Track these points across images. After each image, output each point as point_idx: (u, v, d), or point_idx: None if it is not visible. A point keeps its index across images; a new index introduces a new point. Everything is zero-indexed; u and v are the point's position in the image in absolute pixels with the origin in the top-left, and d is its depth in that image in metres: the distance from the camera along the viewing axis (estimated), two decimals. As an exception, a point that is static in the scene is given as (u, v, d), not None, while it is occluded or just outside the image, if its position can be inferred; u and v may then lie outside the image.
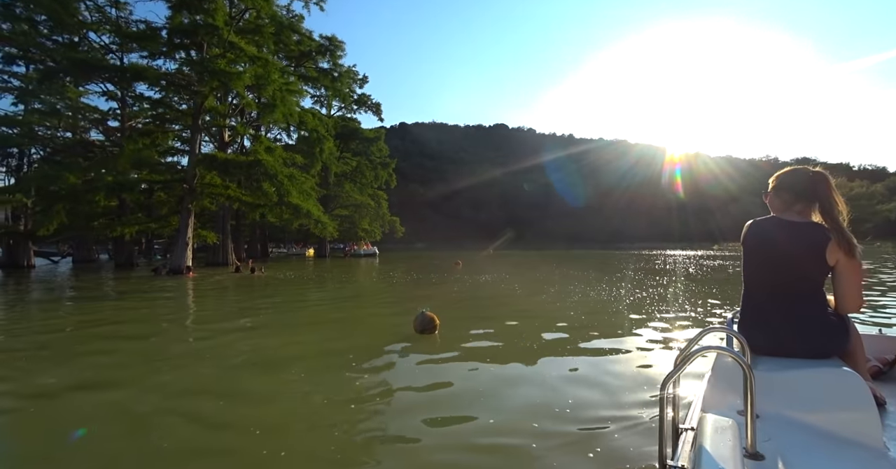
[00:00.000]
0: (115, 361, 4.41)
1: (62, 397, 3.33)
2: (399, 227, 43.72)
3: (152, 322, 6.75)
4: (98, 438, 2.62)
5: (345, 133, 38.14)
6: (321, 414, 2.92)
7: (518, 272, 16.56)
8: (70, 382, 3.68)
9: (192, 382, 3.68)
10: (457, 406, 2.99)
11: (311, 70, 26.40)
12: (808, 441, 1.25)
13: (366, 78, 39.74)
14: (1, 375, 3.92)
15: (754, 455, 1.13)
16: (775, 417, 1.37)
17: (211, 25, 16.61)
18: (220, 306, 8.66)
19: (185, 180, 18.48)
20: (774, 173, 1.87)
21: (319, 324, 6.61)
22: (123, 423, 2.84)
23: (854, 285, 1.64)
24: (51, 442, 2.58)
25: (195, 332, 6.11)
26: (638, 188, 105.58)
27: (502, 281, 12.75)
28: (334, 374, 3.84)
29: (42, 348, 4.99)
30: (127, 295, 10.54)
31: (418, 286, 12.01)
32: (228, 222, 24.81)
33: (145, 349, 4.94)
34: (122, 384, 3.61)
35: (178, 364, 4.27)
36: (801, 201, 1.74)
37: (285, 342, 5.21)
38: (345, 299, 9.39)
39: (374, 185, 41.23)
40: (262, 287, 11.98)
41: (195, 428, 2.72)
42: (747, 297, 1.77)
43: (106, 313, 7.63)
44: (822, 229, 1.64)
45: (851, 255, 1.59)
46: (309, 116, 26.40)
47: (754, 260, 1.74)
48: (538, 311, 7.38)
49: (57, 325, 6.57)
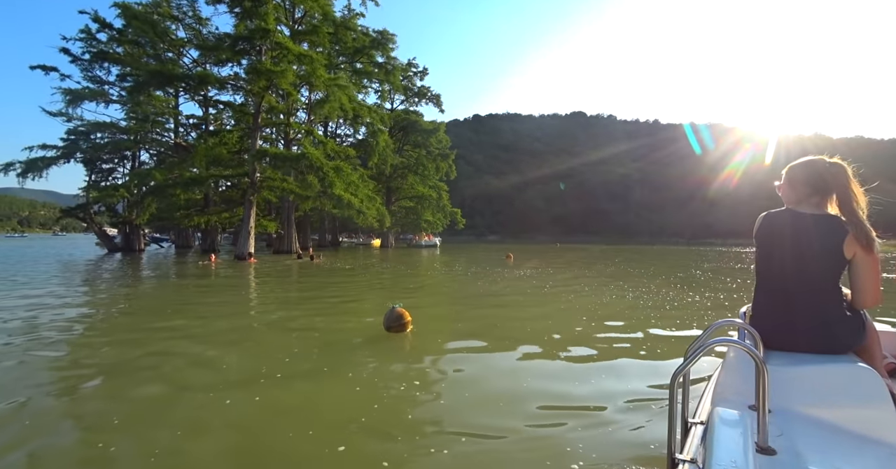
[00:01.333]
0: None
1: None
2: (460, 219, 43.64)
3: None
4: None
5: (405, 126, 38.91)
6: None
7: (566, 268, 15.45)
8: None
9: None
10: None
11: (367, 65, 27.16)
12: (821, 437, 1.23)
13: (425, 70, 40.08)
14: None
15: (766, 449, 1.11)
16: (788, 412, 1.34)
17: (263, 29, 17.81)
18: (267, 287, 9.75)
19: (247, 175, 20.23)
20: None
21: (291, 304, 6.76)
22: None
23: (872, 280, 1.59)
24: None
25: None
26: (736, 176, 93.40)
27: (539, 276, 11.78)
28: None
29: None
30: (191, 277, 11.90)
31: (431, 277, 11.78)
32: (292, 214, 26.74)
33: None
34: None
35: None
36: (817, 193, 1.67)
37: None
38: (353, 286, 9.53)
39: (436, 177, 41.57)
40: (302, 273, 12.71)
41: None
42: (760, 290, 1.74)
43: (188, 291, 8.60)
44: (840, 222, 1.59)
45: (869, 250, 1.55)
46: (365, 110, 27.32)
47: (768, 253, 1.70)
48: (534, 313, 6.72)
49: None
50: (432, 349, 4.37)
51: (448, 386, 3.24)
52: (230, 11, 20.30)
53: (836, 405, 1.32)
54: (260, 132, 20.70)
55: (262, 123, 20.83)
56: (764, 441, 1.13)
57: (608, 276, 12.36)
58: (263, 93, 19.27)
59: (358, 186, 20.92)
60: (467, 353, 4.25)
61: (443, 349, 4.38)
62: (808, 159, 1.73)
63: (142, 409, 2.73)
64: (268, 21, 18.13)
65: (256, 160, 18.42)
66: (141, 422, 2.54)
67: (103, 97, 24.06)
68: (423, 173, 39.97)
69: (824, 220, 1.61)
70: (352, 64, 26.67)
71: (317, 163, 17.85)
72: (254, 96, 19.88)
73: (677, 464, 1.15)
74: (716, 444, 1.03)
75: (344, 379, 3.34)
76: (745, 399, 1.41)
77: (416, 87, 39.66)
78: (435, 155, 39.51)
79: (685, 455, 1.17)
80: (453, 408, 2.78)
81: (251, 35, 18.65)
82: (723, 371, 1.59)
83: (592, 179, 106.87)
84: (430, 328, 5.31)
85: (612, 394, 2.99)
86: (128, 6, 22.51)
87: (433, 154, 39.38)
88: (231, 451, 2.21)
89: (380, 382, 3.25)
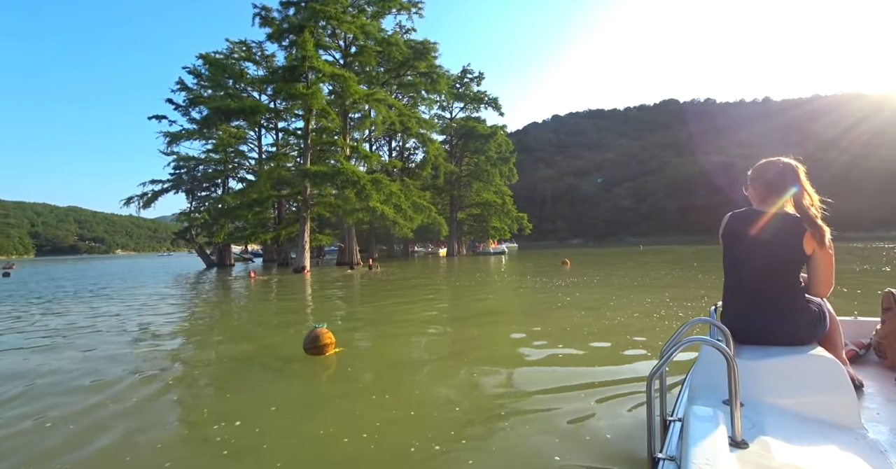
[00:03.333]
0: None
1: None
2: (527, 224, 41.96)
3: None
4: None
5: (464, 133, 38.82)
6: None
7: (624, 274, 13.78)
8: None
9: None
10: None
11: (415, 77, 27.70)
12: (790, 426, 1.28)
13: (481, 75, 39.65)
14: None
15: (739, 443, 1.14)
16: (759, 405, 1.39)
17: (302, 56, 19.14)
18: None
19: (301, 192, 21.76)
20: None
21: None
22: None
23: (827, 272, 1.68)
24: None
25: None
26: (865, 153, 76.12)
27: (577, 287, 10.32)
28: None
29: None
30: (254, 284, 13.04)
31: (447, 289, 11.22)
32: (352, 227, 28.11)
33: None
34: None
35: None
36: (774, 193, 1.75)
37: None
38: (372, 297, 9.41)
39: (500, 183, 40.66)
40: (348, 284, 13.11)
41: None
42: (728, 288, 1.81)
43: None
44: (797, 220, 1.66)
45: (823, 245, 1.62)
46: (413, 121, 27.85)
47: (732, 252, 1.78)
48: (519, 325, 5.98)
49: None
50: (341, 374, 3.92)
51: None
52: (279, 45, 22.27)
53: (802, 395, 1.38)
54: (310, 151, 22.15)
55: (313, 143, 22.28)
56: (738, 434, 1.15)
57: (678, 283, 10.60)
58: (308, 115, 20.67)
59: (399, 197, 21.21)
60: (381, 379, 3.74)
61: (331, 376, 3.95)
62: (766, 161, 1.82)
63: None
64: (306, 48, 19.44)
65: (299, 179, 19.75)
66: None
67: (195, 135, 27.94)
68: (486, 179, 39.40)
69: (783, 218, 1.68)
70: (398, 77, 27.41)
71: (353, 177, 18.50)
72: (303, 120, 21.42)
73: (657, 462, 1.16)
74: (691, 440, 1.05)
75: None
76: (719, 394, 1.43)
77: (472, 92, 39.37)
78: (495, 159, 38.66)
79: (664, 453, 1.18)
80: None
81: (294, 63, 20.17)
82: (697, 368, 1.63)
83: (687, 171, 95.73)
84: (360, 348, 4.87)
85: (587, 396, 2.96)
86: (207, 56, 25.61)
87: (493, 159, 38.57)
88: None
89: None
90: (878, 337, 2.08)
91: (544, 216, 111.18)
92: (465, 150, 39.84)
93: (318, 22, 22.17)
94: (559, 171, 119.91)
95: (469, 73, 39.53)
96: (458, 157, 40.53)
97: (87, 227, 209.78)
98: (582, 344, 4.56)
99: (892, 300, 2.03)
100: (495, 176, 39.65)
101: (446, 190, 40.42)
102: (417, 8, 29.67)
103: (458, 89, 39.70)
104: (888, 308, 2.05)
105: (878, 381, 1.83)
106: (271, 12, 25.20)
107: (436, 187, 40.69)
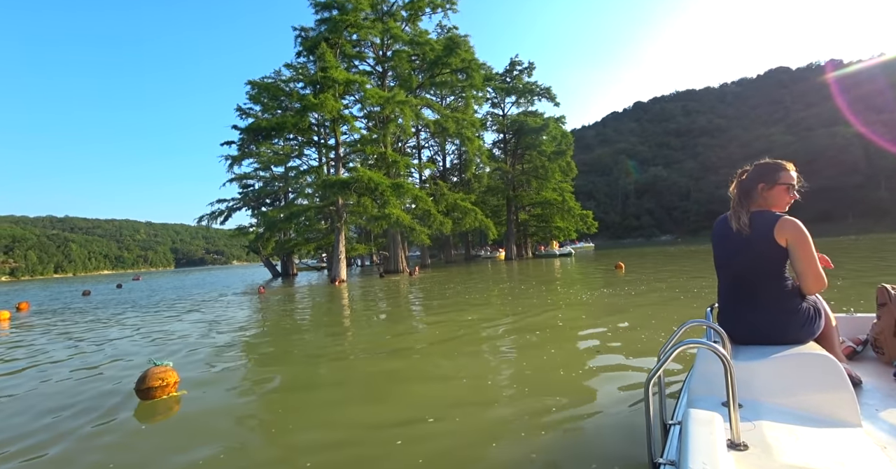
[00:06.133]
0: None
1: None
2: (591, 222, 38.19)
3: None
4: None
5: (516, 129, 36.66)
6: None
7: (667, 279, 11.43)
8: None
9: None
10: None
11: (449, 74, 26.62)
12: (789, 426, 1.27)
13: (532, 65, 37.15)
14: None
15: (738, 445, 1.14)
16: (758, 405, 1.38)
17: (323, 68, 19.22)
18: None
19: (333, 203, 21.91)
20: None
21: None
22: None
23: (808, 261, 1.67)
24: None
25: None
26: None
27: (616, 297, 8.86)
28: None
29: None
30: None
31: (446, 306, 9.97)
32: (398, 235, 27.78)
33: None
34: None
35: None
36: (746, 195, 1.83)
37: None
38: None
39: (558, 179, 37.65)
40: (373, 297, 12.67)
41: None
42: (720, 289, 1.87)
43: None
44: (769, 214, 1.73)
45: (794, 234, 1.65)
46: (451, 123, 26.75)
47: (720, 253, 1.86)
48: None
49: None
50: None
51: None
52: (307, 60, 22.78)
53: (800, 394, 1.38)
54: (340, 163, 22.25)
55: (340, 155, 22.38)
56: (737, 437, 1.14)
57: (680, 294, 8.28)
58: (334, 126, 20.75)
59: (426, 201, 20.25)
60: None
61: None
62: (741, 169, 1.93)
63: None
64: (325, 59, 19.49)
65: (321, 189, 19.80)
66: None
67: (251, 155, 29.98)
68: (544, 176, 36.72)
69: (757, 215, 1.76)
70: (432, 78, 26.56)
71: (371, 184, 18.01)
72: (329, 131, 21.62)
73: (658, 467, 1.16)
74: (689, 444, 1.03)
75: None
76: (717, 396, 1.43)
77: (523, 84, 37.01)
78: (549, 154, 35.83)
79: (665, 458, 1.17)
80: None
81: (316, 76, 20.37)
82: (695, 371, 1.61)
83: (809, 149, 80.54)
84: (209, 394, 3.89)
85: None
86: (255, 82, 26.89)
87: (546, 153, 35.79)
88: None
89: None
90: (874, 332, 2.11)
91: (628, 212, 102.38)
92: (517, 146, 37.64)
93: (342, 33, 22.31)
94: (643, 161, 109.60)
95: (518, 65, 37.31)
96: (513, 155, 38.46)
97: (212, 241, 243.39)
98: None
99: (885, 295, 2.08)
100: (554, 172, 36.77)
101: (501, 190, 38.52)
102: (451, 3, 28.75)
103: (509, 83, 37.72)
104: (883, 303, 2.09)
105: (876, 377, 1.84)
106: (309, 32, 26.11)
107: (489, 188, 39.04)
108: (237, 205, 34.65)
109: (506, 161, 38.35)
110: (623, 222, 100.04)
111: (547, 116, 36.02)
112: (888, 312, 2.02)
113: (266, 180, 33.75)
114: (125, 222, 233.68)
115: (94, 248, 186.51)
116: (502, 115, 39.19)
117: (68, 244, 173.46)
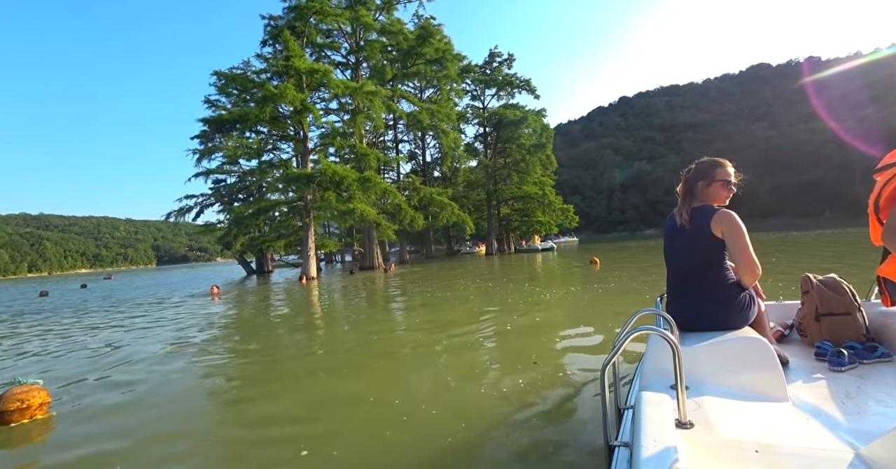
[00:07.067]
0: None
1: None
2: (573, 216, 37.90)
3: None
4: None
5: (496, 122, 36.02)
6: None
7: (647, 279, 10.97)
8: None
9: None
10: None
11: (421, 65, 25.81)
12: (729, 403, 1.35)
13: (511, 57, 36.53)
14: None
15: (685, 424, 1.19)
16: (702, 386, 1.46)
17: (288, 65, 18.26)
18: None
19: (302, 198, 21.05)
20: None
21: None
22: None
23: (742, 249, 1.74)
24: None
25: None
26: None
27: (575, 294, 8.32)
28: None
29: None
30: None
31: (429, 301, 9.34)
32: (373, 231, 27.01)
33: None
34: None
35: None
36: (689, 192, 1.92)
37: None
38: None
39: (539, 172, 37.18)
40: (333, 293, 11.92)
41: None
42: (668, 279, 1.99)
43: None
44: (707, 208, 1.83)
45: (728, 225, 1.74)
46: (425, 115, 25.99)
47: (667, 247, 1.98)
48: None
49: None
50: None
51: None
52: (274, 49, 21.78)
53: (738, 374, 1.48)
54: (308, 156, 21.38)
55: (322, 144, 21.51)
56: (683, 416, 1.20)
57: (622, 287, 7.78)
58: (298, 117, 19.86)
59: (396, 195, 19.54)
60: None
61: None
62: (686, 168, 2.01)
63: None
64: (289, 48, 18.56)
65: (287, 184, 18.98)
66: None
67: (218, 149, 28.73)
68: (524, 170, 36.21)
69: (697, 210, 1.85)
70: (405, 68, 25.72)
71: (335, 178, 17.22)
72: (297, 125, 20.71)
73: (613, 449, 1.19)
74: (641, 425, 1.08)
75: None
76: (667, 380, 1.48)
77: (503, 76, 36.34)
78: (528, 147, 35.30)
79: (619, 440, 1.22)
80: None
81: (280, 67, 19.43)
82: (647, 357, 1.69)
83: (790, 145, 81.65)
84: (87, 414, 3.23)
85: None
86: (221, 73, 25.57)
87: (525, 146, 35.26)
88: None
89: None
90: (798, 317, 2.29)
91: (613, 206, 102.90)
92: (498, 140, 37.04)
93: (308, 20, 21.34)
94: (628, 156, 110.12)
95: (498, 57, 36.62)
96: (493, 149, 37.86)
97: (195, 238, 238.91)
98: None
99: (808, 284, 2.25)
100: (534, 165, 36.28)
101: (483, 184, 37.94)
102: (425, -10, 27.84)
103: (489, 75, 37.00)
104: (806, 291, 2.26)
105: (800, 358, 2.01)
106: (279, 21, 24.99)
107: (470, 183, 38.39)
108: (207, 201, 33.48)
109: (486, 155, 37.76)
110: (608, 216, 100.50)
111: (528, 110, 35.38)
112: (810, 299, 2.20)
113: (239, 175, 32.58)
114: (104, 219, 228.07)
115: (71, 247, 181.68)
116: (483, 107, 38.52)
117: (42, 242, 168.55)
